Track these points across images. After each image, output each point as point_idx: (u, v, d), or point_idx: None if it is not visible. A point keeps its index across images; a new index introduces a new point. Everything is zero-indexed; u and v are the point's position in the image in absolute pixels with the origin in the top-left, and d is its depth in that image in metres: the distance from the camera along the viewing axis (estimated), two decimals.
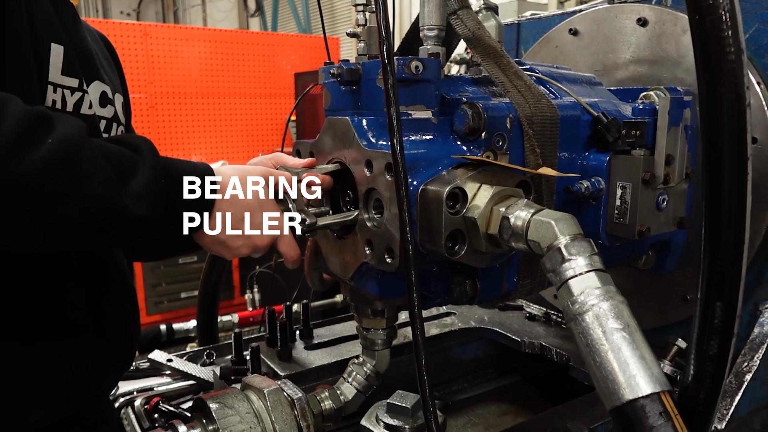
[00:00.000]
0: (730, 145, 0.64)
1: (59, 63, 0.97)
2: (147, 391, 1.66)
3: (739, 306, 0.70)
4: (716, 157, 0.66)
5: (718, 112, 0.64)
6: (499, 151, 1.11)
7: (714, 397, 0.74)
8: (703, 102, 0.66)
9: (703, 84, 0.65)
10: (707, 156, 0.67)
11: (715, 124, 0.64)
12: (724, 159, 0.65)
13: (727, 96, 0.63)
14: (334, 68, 1.15)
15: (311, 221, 1.10)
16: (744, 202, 0.65)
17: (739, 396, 1.29)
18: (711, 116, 0.65)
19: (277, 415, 1.13)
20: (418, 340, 0.91)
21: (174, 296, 5.05)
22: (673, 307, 1.55)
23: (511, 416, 1.70)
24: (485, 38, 1.21)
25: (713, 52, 0.62)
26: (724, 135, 0.64)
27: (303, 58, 6.82)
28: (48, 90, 0.95)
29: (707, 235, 0.71)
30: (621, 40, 1.61)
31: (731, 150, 0.64)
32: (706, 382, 0.74)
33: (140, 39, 5.76)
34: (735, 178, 0.65)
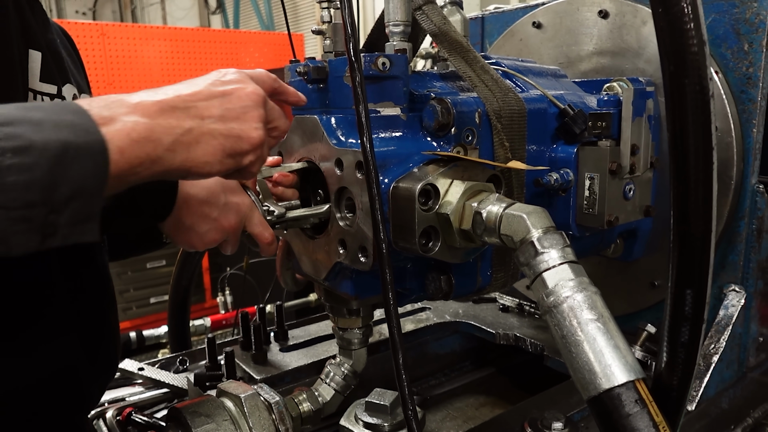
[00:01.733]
0: (696, 135, 0.65)
1: (37, 69, 0.91)
2: (118, 402, 1.62)
3: (708, 292, 0.72)
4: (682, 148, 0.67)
5: (682, 104, 0.65)
6: (469, 146, 1.11)
7: (687, 382, 0.76)
8: (667, 94, 0.67)
9: (667, 76, 0.66)
10: (673, 147, 0.68)
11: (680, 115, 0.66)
12: (690, 149, 0.66)
13: (691, 87, 0.64)
14: (300, 66, 1.14)
15: (279, 212, 1.09)
16: (710, 192, 0.67)
17: (707, 377, 1.33)
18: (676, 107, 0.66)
19: (255, 421, 1.11)
20: (395, 338, 0.91)
21: (143, 302, 4.95)
22: (641, 293, 1.58)
23: (488, 408, 1.72)
24: (451, 33, 1.21)
25: (676, 44, 0.63)
26: (689, 126, 0.65)
27: (267, 56, 6.73)
28: (28, 98, 0.90)
29: (676, 224, 0.72)
30: (583, 33, 1.63)
31: (696, 140, 0.66)
32: (679, 367, 0.76)
33: (97, 39, 5.60)
34: (701, 168, 0.66)
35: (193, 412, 1.10)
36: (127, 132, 0.66)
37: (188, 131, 0.73)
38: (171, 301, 2.10)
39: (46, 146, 0.58)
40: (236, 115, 0.79)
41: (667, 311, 0.75)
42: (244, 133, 0.79)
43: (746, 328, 1.43)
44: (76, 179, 0.60)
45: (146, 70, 5.95)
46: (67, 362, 1.01)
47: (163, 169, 0.71)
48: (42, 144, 0.58)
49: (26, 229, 0.58)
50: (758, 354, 1.51)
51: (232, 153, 0.78)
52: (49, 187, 0.58)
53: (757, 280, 1.41)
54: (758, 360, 1.52)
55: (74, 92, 1.04)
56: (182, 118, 0.73)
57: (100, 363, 1.11)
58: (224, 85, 0.80)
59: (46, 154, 0.58)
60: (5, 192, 0.56)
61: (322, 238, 1.16)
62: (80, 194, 0.61)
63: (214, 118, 0.76)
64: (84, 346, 1.04)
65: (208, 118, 0.76)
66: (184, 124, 0.72)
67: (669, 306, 0.75)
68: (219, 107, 0.77)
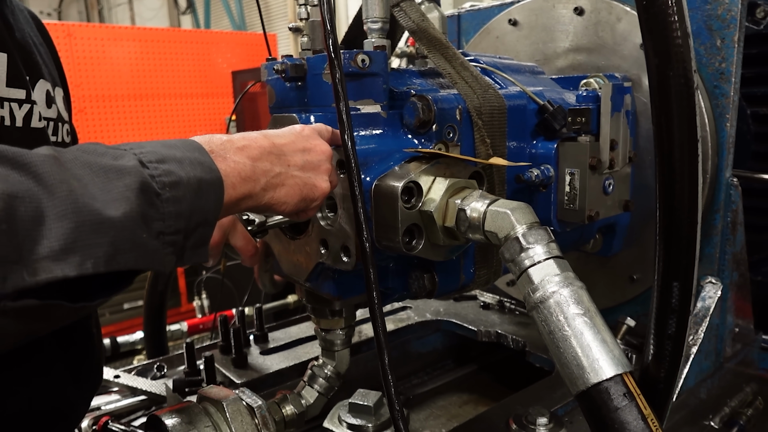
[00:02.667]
0: (681, 128, 0.65)
1: (3, 74, 0.87)
2: (94, 411, 1.58)
3: (694, 285, 0.72)
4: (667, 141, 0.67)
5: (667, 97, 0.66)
6: (450, 143, 1.10)
7: (674, 374, 0.77)
8: (653, 87, 0.67)
9: (652, 69, 0.66)
10: (659, 139, 0.68)
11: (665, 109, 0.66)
12: (675, 142, 0.66)
13: (676, 80, 0.64)
14: (277, 64, 1.12)
15: (260, 220, 1.07)
16: (696, 184, 0.67)
17: (687, 368, 1.35)
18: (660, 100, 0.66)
19: (237, 426, 1.09)
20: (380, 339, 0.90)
21: (116, 308, 4.85)
22: (620, 287, 1.60)
23: (471, 405, 1.72)
24: (430, 30, 1.21)
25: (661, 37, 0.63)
26: (674, 119, 0.65)
27: (239, 56, 6.66)
28: None
29: (661, 217, 0.73)
30: (559, 30, 1.64)
31: (682, 133, 0.66)
32: (666, 360, 0.76)
33: (64, 39, 5.46)
34: (686, 160, 0.67)
35: (174, 419, 1.07)
36: (239, 171, 0.78)
37: (278, 175, 0.85)
38: (146, 307, 2.05)
39: (189, 182, 0.69)
40: (313, 167, 0.91)
41: (654, 304, 0.76)
42: (317, 183, 0.91)
43: (723, 319, 1.45)
44: (203, 210, 0.71)
45: (115, 71, 5.83)
46: (55, 386, 0.98)
47: (254, 204, 0.83)
48: (186, 180, 0.68)
49: (171, 252, 0.68)
50: (734, 344, 1.54)
51: (304, 198, 0.89)
52: (189, 216, 0.68)
53: (733, 272, 1.44)
54: (734, 350, 1.55)
55: (47, 88, 1.00)
56: (275, 163, 0.85)
57: (86, 379, 1.08)
58: (306, 140, 0.92)
59: (190, 188, 0.69)
60: (164, 219, 0.66)
61: (302, 238, 1.14)
62: (204, 223, 0.72)
63: (298, 167, 0.88)
64: (70, 369, 1.01)
65: (293, 167, 0.88)
66: (275, 169, 0.84)
67: (656, 299, 0.75)
68: (301, 159, 0.89)
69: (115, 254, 0.60)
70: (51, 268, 0.55)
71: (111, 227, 0.60)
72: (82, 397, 1.08)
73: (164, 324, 2.11)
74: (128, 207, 0.61)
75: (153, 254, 0.65)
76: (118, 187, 0.62)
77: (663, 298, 0.73)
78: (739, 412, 1.53)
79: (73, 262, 0.56)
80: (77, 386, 1.04)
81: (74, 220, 0.57)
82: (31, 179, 0.57)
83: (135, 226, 0.62)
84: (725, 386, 1.55)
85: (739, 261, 1.44)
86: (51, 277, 0.55)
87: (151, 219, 0.65)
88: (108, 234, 0.59)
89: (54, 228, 0.56)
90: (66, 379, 1.01)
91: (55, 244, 0.56)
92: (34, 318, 0.59)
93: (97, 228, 0.59)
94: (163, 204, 0.66)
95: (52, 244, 0.56)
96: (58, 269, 0.56)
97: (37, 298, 0.56)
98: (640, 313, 1.58)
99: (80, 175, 0.61)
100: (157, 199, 0.65)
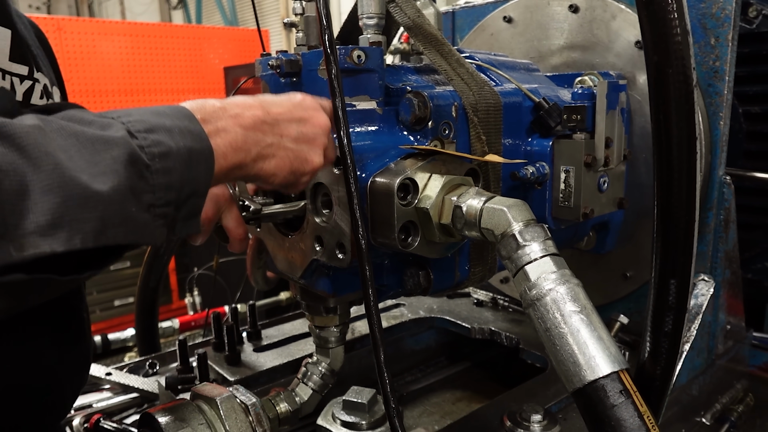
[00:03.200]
0: (679, 125, 0.65)
1: (6, 48, 0.87)
2: (86, 408, 1.57)
3: (691, 282, 0.72)
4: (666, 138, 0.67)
5: (665, 94, 0.65)
6: (446, 140, 1.10)
7: (670, 372, 0.77)
8: (651, 84, 0.67)
9: (651, 66, 0.66)
10: (657, 137, 0.68)
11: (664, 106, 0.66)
12: (673, 140, 0.66)
13: (675, 77, 0.64)
14: (272, 59, 1.11)
15: (256, 207, 1.06)
16: (694, 182, 0.67)
17: (680, 365, 1.36)
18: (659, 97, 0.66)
19: (232, 424, 1.08)
20: (376, 336, 0.89)
21: (107, 305, 4.82)
22: (613, 284, 1.61)
23: (465, 402, 1.72)
24: (426, 26, 1.20)
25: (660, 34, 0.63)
26: (673, 116, 0.65)
27: (231, 52, 6.62)
28: None
29: (659, 214, 0.73)
30: (554, 27, 1.64)
31: (680, 131, 0.66)
32: (662, 357, 0.77)
33: (54, 34, 5.40)
34: (684, 158, 0.67)
35: (168, 417, 1.06)
36: (230, 141, 0.76)
37: (269, 145, 0.82)
38: (138, 304, 2.04)
39: (179, 152, 0.67)
40: (307, 140, 0.88)
41: (651, 301, 0.76)
42: (310, 156, 0.88)
43: (715, 316, 1.46)
44: (194, 181, 0.69)
45: (105, 65, 5.78)
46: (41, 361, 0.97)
47: (244, 173, 0.81)
48: (176, 150, 0.66)
49: (163, 224, 0.66)
50: (726, 341, 1.55)
51: (295, 171, 0.87)
52: (180, 188, 0.67)
53: (725, 270, 1.45)
54: (726, 347, 1.56)
55: (45, 82, 0.99)
56: (267, 133, 0.82)
57: (72, 361, 1.06)
58: (303, 110, 0.89)
59: (180, 159, 0.66)
60: (154, 192, 0.64)
61: (297, 235, 1.13)
62: (195, 193, 0.70)
63: (291, 138, 0.85)
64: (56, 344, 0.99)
65: (286, 137, 0.85)
66: (267, 139, 0.82)
67: (653, 296, 0.75)
68: (296, 130, 0.86)
69: (104, 229, 0.58)
70: (38, 244, 0.54)
71: (99, 201, 0.58)
72: (69, 383, 1.07)
73: (156, 321, 2.10)
74: (117, 180, 0.60)
75: (143, 228, 0.63)
76: (106, 160, 0.60)
77: (660, 295, 0.74)
78: (730, 408, 1.55)
79: (60, 237, 0.55)
80: (65, 367, 1.03)
81: (61, 195, 0.56)
82: (15, 151, 0.55)
83: (124, 200, 0.61)
84: (716, 383, 1.56)
85: (732, 258, 1.45)
86: (38, 252, 0.54)
87: (140, 192, 0.63)
88: (96, 209, 0.58)
89: (40, 202, 0.55)
90: (54, 358, 0.99)
91: (41, 219, 0.55)
92: (21, 292, 0.59)
93: (85, 202, 0.57)
94: (153, 176, 0.64)
95: (39, 219, 0.55)
96: (46, 245, 0.54)
97: (24, 272, 0.55)
98: (633, 310, 1.59)
99: (66, 147, 0.59)
100: (146, 171, 0.63)
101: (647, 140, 1.45)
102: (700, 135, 1.34)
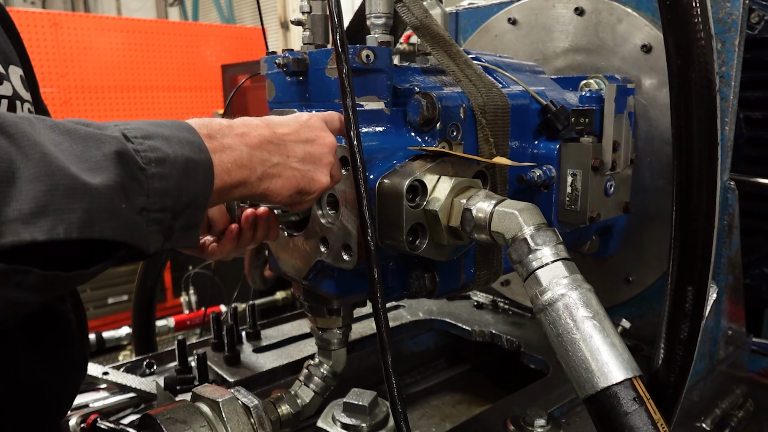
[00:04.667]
0: (701, 131, 0.65)
1: None
2: (82, 408, 1.55)
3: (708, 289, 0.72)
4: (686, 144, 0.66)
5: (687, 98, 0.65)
6: (454, 142, 1.09)
7: (683, 379, 0.76)
8: (673, 88, 0.66)
9: (673, 69, 0.65)
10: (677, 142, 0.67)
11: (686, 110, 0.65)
12: (694, 145, 0.65)
13: (697, 82, 0.63)
14: (279, 58, 1.09)
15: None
16: (714, 188, 0.67)
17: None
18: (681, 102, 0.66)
19: (234, 426, 1.07)
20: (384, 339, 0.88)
21: (100, 302, 4.78)
22: (616, 289, 1.60)
23: (465, 405, 1.71)
24: (433, 26, 1.19)
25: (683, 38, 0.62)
26: (694, 121, 0.65)
27: (229, 50, 6.58)
28: None
29: (678, 220, 0.72)
30: (559, 29, 1.64)
31: (702, 136, 0.65)
32: (676, 365, 0.76)
33: (49, 29, 5.35)
34: (705, 164, 0.66)
35: (169, 419, 1.04)
36: (235, 158, 0.76)
37: (275, 165, 0.82)
38: (136, 302, 2.02)
39: (176, 159, 0.66)
40: (314, 160, 0.88)
41: (666, 308, 0.75)
42: (316, 177, 0.88)
43: (717, 322, 1.46)
44: (192, 190, 0.68)
45: (100, 61, 5.73)
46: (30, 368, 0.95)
47: (248, 192, 0.80)
48: (173, 157, 0.66)
49: (157, 230, 0.65)
50: (727, 347, 1.55)
51: (301, 191, 0.87)
52: (177, 195, 0.66)
53: (728, 275, 1.45)
54: (727, 353, 1.56)
55: (20, 73, 0.97)
56: (274, 152, 0.83)
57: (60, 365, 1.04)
58: (310, 130, 0.89)
59: (177, 166, 0.66)
60: (148, 195, 0.63)
61: (301, 235, 1.12)
62: (194, 204, 0.69)
63: (297, 158, 0.86)
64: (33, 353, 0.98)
65: (293, 157, 0.85)
66: (273, 159, 0.82)
67: (668, 303, 0.74)
68: (302, 150, 0.87)
69: (90, 221, 0.57)
70: (18, 231, 0.52)
71: (87, 193, 0.57)
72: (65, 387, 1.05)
73: (153, 320, 2.08)
74: (107, 176, 0.59)
75: (134, 228, 0.62)
76: (97, 156, 0.59)
77: (676, 302, 0.73)
78: (730, 414, 1.54)
79: (43, 226, 0.54)
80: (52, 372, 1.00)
81: (47, 183, 0.54)
82: (4, 139, 0.54)
83: (113, 196, 0.59)
84: (717, 388, 1.56)
85: (734, 264, 1.45)
86: (17, 240, 0.52)
87: (132, 192, 0.62)
88: (83, 200, 0.56)
89: (25, 190, 0.53)
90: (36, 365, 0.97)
91: (24, 207, 0.53)
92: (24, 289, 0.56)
93: (72, 193, 0.56)
94: (149, 180, 0.63)
95: (22, 207, 0.53)
96: (26, 233, 0.53)
97: (4, 261, 0.53)
98: (634, 314, 1.58)
99: (58, 141, 0.58)
100: (141, 174, 0.63)
101: (651, 144, 1.45)
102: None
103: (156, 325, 3.40)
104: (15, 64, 1.03)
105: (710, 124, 0.64)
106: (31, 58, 1.17)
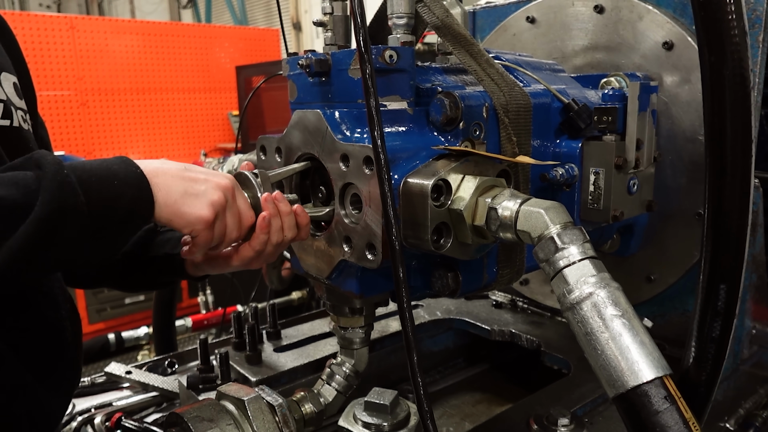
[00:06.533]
0: (734, 128, 0.64)
1: None
2: (107, 407, 1.57)
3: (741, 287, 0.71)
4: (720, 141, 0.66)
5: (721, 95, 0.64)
6: (477, 141, 1.09)
7: (714, 378, 0.76)
8: (706, 85, 0.66)
9: (706, 66, 0.65)
10: (710, 140, 0.67)
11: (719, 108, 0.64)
12: (728, 143, 0.65)
13: (731, 79, 0.63)
14: (302, 59, 1.10)
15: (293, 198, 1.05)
16: (748, 186, 0.66)
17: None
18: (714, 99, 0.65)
19: (259, 424, 1.08)
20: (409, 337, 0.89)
21: (117, 303, 4.83)
22: (637, 287, 1.59)
23: (485, 404, 1.71)
24: (455, 26, 1.19)
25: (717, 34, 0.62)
26: (728, 118, 0.64)
27: (242, 51, 6.62)
28: None
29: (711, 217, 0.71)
30: (578, 27, 1.63)
31: (735, 133, 0.65)
32: (708, 363, 0.75)
33: (66, 32, 5.42)
34: (739, 162, 0.65)
35: (195, 417, 1.05)
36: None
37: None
38: (156, 302, 2.04)
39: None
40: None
41: (698, 306, 0.75)
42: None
43: (741, 321, 1.44)
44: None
45: (116, 64, 5.80)
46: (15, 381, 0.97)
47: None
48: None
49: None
50: (751, 346, 1.53)
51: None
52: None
53: (752, 274, 1.43)
54: (750, 352, 1.54)
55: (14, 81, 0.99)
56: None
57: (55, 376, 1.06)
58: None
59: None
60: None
61: (324, 235, 1.13)
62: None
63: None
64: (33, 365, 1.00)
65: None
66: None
67: (700, 301, 0.74)
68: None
69: None
70: None
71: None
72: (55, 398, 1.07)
73: (173, 319, 2.10)
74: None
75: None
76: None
77: (708, 300, 0.72)
78: (754, 413, 1.53)
79: None
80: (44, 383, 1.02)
81: None
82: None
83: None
84: (740, 388, 1.54)
85: (759, 263, 1.43)
86: None
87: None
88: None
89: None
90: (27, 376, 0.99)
91: None
92: None
93: None
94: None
95: None
96: None
97: None
98: (656, 313, 1.57)
99: None
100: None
101: (673, 142, 1.44)
102: None
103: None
104: (8, 71, 1.05)
105: (745, 121, 0.64)
106: (49, 61, 1.19)
